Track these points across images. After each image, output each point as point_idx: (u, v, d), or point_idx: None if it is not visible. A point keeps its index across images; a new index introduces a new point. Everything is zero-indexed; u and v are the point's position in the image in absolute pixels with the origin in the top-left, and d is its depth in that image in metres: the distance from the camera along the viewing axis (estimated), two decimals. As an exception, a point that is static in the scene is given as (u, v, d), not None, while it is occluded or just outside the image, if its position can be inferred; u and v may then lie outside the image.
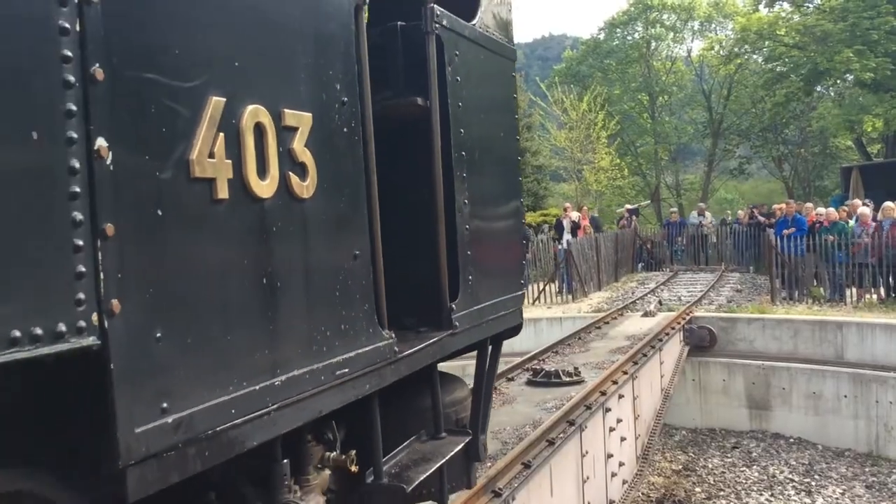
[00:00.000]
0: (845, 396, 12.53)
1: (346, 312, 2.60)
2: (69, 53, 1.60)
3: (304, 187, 2.37)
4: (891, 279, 15.12)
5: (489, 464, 5.94)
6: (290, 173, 2.31)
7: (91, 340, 1.64)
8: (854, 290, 15.57)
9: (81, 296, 1.63)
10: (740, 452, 12.69)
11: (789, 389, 13.20)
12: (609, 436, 8.64)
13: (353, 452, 2.87)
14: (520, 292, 4.31)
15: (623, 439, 9.30)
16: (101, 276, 1.66)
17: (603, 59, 41.89)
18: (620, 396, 9.32)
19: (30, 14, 1.54)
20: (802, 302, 15.93)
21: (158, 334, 1.82)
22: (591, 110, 33.03)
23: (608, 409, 8.67)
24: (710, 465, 12.12)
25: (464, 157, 3.53)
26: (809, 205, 19.59)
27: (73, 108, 1.62)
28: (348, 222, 2.64)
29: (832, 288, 15.98)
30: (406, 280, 3.14)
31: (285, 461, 2.51)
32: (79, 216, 1.62)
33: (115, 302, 1.69)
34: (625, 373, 9.81)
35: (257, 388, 2.15)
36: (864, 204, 17.00)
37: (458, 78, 3.47)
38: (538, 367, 10.43)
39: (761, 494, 10.93)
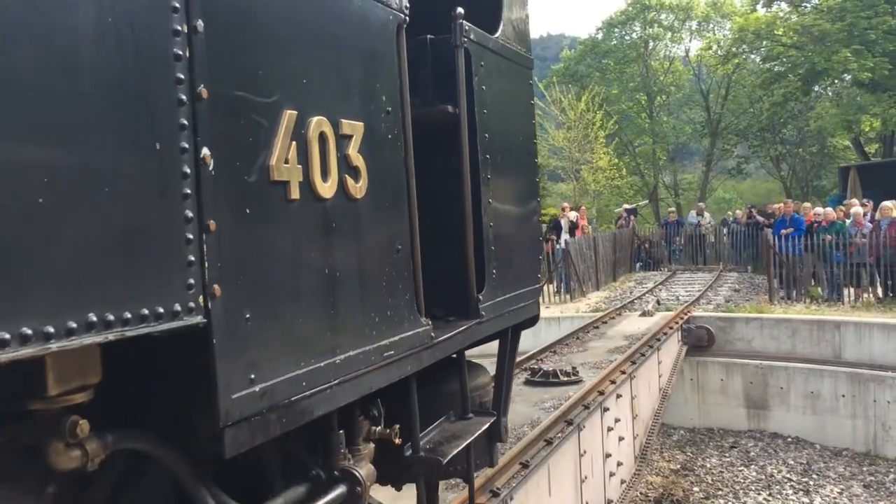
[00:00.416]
0: (843, 396, 12.55)
1: (391, 301, 2.91)
2: (181, 76, 1.91)
3: (358, 188, 2.68)
4: (888, 279, 15.13)
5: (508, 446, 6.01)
6: (347, 176, 2.61)
7: (199, 319, 1.94)
8: (851, 289, 15.59)
9: (191, 281, 1.92)
10: (738, 452, 12.70)
11: (787, 389, 13.21)
12: (607, 435, 8.64)
13: (398, 427, 3.17)
14: (537, 285, 4.65)
15: (621, 439, 9.30)
16: (206, 264, 1.96)
17: (601, 59, 41.92)
18: (618, 396, 9.32)
19: (151, 44, 1.84)
20: (800, 302, 15.96)
21: (248, 315, 2.12)
22: (589, 110, 33.04)
23: (606, 409, 8.67)
24: (709, 465, 12.13)
25: (488, 159, 3.81)
26: (807, 204, 19.62)
27: (185, 122, 1.91)
28: (392, 220, 2.97)
29: (830, 288, 16.00)
30: (434, 273, 3.35)
31: (341, 432, 2.83)
32: (189, 214, 1.92)
33: (216, 286, 1.98)
34: (623, 372, 9.81)
35: (322, 364, 2.45)
36: (861, 204, 17.01)
37: (484, 87, 3.78)
38: (536, 366, 10.44)
39: (759, 494, 10.94)
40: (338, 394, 2.56)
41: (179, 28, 1.90)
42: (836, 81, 32.03)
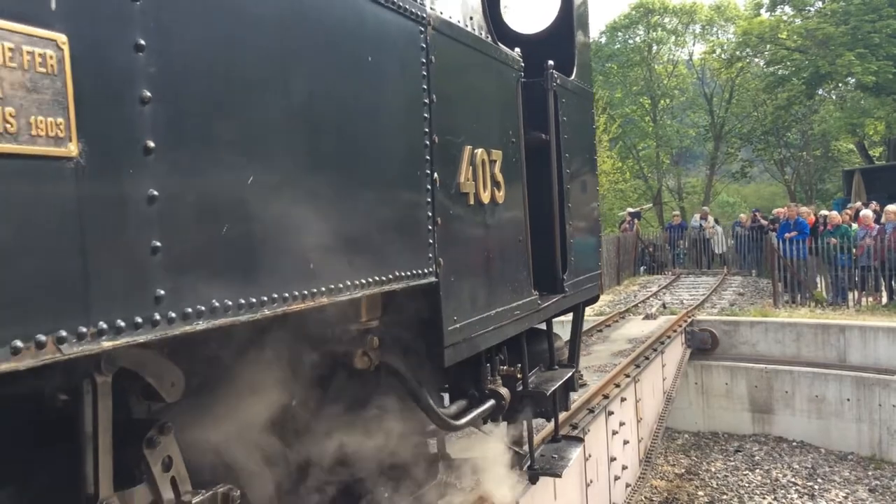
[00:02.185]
0: (848, 400, 12.53)
1: (516, 275, 4.12)
2: (427, 130, 3.13)
3: (499, 196, 3.84)
4: (893, 283, 15.09)
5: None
6: (494, 188, 3.78)
7: (433, 279, 3.14)
8: (856, 293, 15.55)
9: (430, 256, 3.13)
10: (743, 456, 12.68)
11: (792, 393, 13.19)
12: (612, 439, 8.63)
13: (519, 366, 4.39)
14: (597, 272, 5.89)
15: (626, 442, 9.29)
16: (435, 245, 3.16)
17: (604, 63, 41.92)
18: (623, 399, 9.31)
19: (417, 110, 3.10)
20: (805, 305, 15.91)
21: (453, 278, 3.30)
22: (592, 114, 32.98)
23: (611, 413, 8.66)
24: (713, 469, 12.11)
25: (568, 173, 4.99)
26: (805, 209, 19.43)
27: (428, 158, 3.13)
28: (516, 218, 4.15)
29: (834, 291, 15.96)
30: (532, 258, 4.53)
31: (487, 364, 4.04)
32: (430, 214, 3.13)
33: (440, 259, 3.18)
34: (627, 376, 9.80)
35: (485, 315, 3.66)
36: (865, 206, 16.97)
37: (565, 118, 4.92)
38: (541, 370, 10.42)
39: (764, 498, 10.92)
40: (491, 337, 3.76)
41: (426, 102, 3.12)
42: (839, 85, 32.01)
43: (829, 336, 13.34)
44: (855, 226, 16.21)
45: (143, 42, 1.74)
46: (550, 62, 4.72)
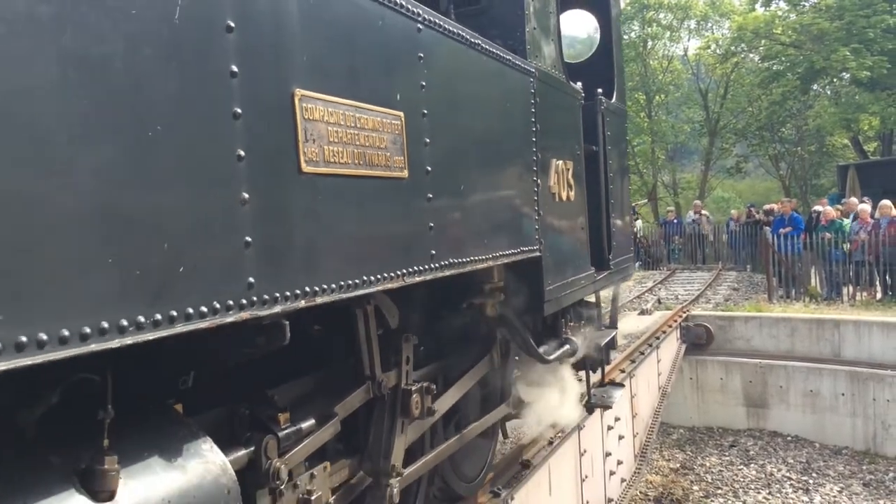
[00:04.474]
0: (842, 394, 12.57)
1: (581, 254, 5.40)
2: (534, 149, 4.37)
3: (571, 195, 5.10)
4: (888, 277, 15.12)
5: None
6: (568, 189, 5.01)
7: (537, 253, 4.34)
8: (851, 288, 15.58)
9: (536, 237, 4.34)
10: (738, 451, 12.71)
11: (787, 387, 13.23)
12: (607, 434, 8.64)
13: (583, 321, 5.96)
14: (631, 255, 7.32)
15: (621, 437, 9.30)
16: (539, 229, 4.37)
17: (600, 59, 41.78)
18: (618, 395, 9.30)
19: (528, 135, 4.35)
20: (799, 300, 15.94)
21: (549, 254, 4.50)
22: (587, 109, 32.95)
23: (606, 408, 8.65)
24: (708, 464, 12.14)
25: (610, 177, 6.27)
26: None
27: (535, 168, 4.37)
28: (580, 212, 5.41)
29: (829, 286, 15.99)
30: None
31: (562, 319, 5.48)
32: (536, 209, 4.35)
33: (542, 239, 4.39)
34: (622, 371, 9.81)
35: (565, 281, 4.89)
36: (862, 202, 16.99)
37: (608, 133, 6.25)
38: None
39: (759, 493, 10.95)
40: (568, 298, 4.99)
41: (534, 129, 4.40)
42: (834, 80, 31.99)
43: (824, 331, 13.36)
44: (847, 221, 16.22)
45: (425, 111, 3.13)
46: (600, 90, 6.13)
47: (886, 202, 15.48)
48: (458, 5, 4.37)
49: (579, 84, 5.47)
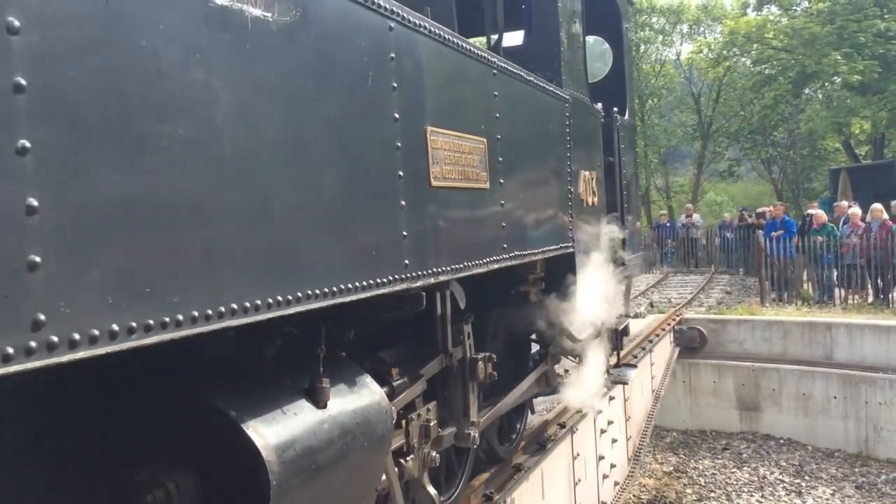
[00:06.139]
0: (835, 397, 12.65)
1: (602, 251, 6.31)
2: (569, 163, 5.34)
3: (595, 200, 5.98)
4: (879, 280, 15.19)
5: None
6: (592, 195, 5.88)
7: (571, 248, 5.30)
8: (843, 291, 15.64)
9: (570, 235, 5.31)
10: (731, 454, 12.78)
11: (779, 390, 13.31)
12: (600, 437, 8.66)
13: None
14: (642, 253, 8.54)
15: (614, 441, 9.33)
16: (573, 230, 5.35)
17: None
18: (611, 398, 9.33)
19: (564, 151, 5.31)
20: (792, 303, 16.01)
21: (580, 249, 5.45)
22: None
23: (599, 411, 8.67)
24: (701, 467, 12.20)
25: (624, 184, 7.27)
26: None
27: (569, 179, 5.33)
28: (601, 212, 6.25)
29: (821, 289, 16.05)
30: None
31: None
32: (570, 212, 5.31)
33: (574, 238, 5.35)
34: (618, 372, 9.80)
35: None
36: (850, 205, 17.08)
37: (622, 146, 7.25)
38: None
39: (752, 495, 11.02)
40: None
41: (568, 146, 5.31)
42: (826, 84, 32.33)
43: (816, 334, 13.45)
44: (842, 224, 16.28)
45: (499, 136, 4.04)
46: (615, 109, 7.12)
47: (878, 205, 15.59)
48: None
49: (599, 105, 6.40)
